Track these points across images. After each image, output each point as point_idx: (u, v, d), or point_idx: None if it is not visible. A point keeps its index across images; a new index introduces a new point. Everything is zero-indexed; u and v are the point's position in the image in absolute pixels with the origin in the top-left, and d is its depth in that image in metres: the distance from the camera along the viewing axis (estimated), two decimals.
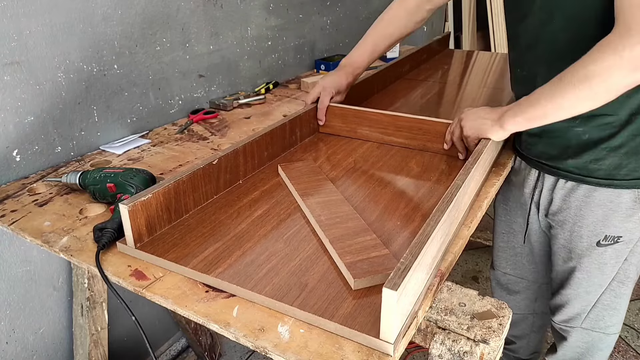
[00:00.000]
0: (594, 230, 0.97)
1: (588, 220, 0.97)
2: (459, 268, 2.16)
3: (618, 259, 0.99)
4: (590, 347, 1.10)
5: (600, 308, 1.05)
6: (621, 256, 0.98)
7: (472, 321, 0.67)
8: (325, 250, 0.76)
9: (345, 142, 1.20)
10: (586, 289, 1.04)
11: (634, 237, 0.96)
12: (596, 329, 1.07)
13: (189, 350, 1.68)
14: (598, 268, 1.01)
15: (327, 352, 0.58)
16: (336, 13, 2.10)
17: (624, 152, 0.89)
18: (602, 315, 1.05)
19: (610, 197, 0.93)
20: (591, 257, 1.00)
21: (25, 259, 1.12)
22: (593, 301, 1.05)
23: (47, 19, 1.05)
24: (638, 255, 0.99)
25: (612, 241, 0.97)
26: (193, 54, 1.43)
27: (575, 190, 0.97)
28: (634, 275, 1.01)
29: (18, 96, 1.03)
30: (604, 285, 1.02)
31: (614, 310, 1.05)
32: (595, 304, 1.05)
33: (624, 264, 0.99)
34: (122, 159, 1.16)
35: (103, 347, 1.23)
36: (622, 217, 0.94)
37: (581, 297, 1.05)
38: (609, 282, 1.02)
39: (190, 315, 0.65)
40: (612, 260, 0.99)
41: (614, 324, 1.07)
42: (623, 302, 1.04)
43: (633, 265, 1.00)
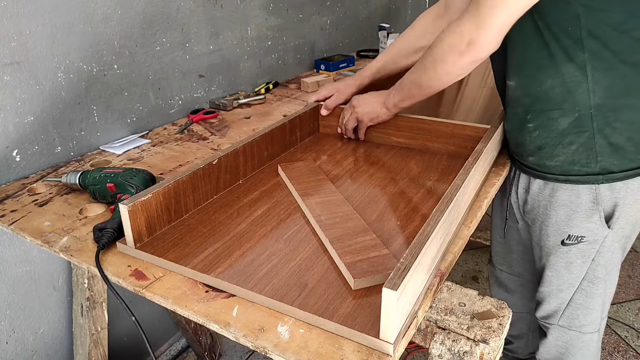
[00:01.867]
0: (558, 229, 1.00)
1: (553, 219, 1.00)
2: (459, 268, 2.16)
3: (584, 258, 1.00)
4: (569, 346, 1.12)
5: (573, 307, 1.07)
6: (587, 256, 1.00)
7: (472, 321, 0.67)
8: (325, 250, 0.76)
9: (345, 142, 1.20)
10: (558, 287, 1.06)
11: (598, 238, 0.97)
12: (572, 327, 1.09)
13: (189, 350, 1.68)
14: (565, 267, 1.03)
15: (327, 352, 0.58)
16: (336, 13, 2.11)
17: (574, 149, 0.91)
18: (576, 314, 1.07)
19: (570, 197, 0.95)
20: (557, 256, 1.03)
21: (25, 259, 1.12)
22: (567, 299, 1.07)
23: (47, 19, 1.05)
24: (605, 256, 1.00)
25: (575, 241, 0.99)
26: (193, 54, 1.44)
27: (542, 189, 1.00)
28: (603, 275, 1.02)
29: (18, 96, 1.03)
30: (574, 284, 1.04)
31: (587, 310, 1.06)
32: (569, 302, 1.07)
33: (592, 265, 1.01)
34: (122, 159, 1.16)
35: (103, 347, 1.23)
36: (582, 218, 0.96)
37: (554, 295, 1.07)
38: (580, 281, 1.04)
39: (190, 315, 0.65)
40: (578, 259, 1.01)
41: (589, 323, 1.07)
42: (596, 302, 1.05)
43: (601, 266, 1.01)
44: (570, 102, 0.87)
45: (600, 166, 0.90)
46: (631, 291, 1.98)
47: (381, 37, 2.09)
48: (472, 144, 1.06)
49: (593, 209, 0.94)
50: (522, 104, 0.95)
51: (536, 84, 0.90)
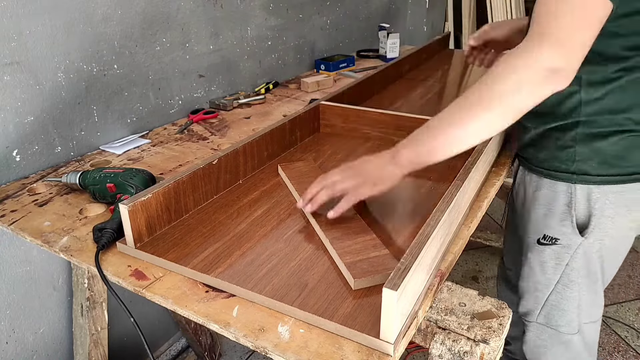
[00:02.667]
0: (536, 227, 1.01)
1: (533, 216, 1.01)
2: (459, 268, 2.16)
3: (558, 261, 1.00)
4: (548, 344, 1.12)
5: (549, 307, 1.06)
6: (561, 259, 0.99)
7: (472, 321, 0.67)
8: (325, 250, 0.76)
9: (346, 142, 1.20)
10: (534, 285, 1.06)
11: (572, 244, 0.96)
12: (550, 325, 1.08)
13: (189, 350, 1.68)
14: (539, 265, 1.03)
15: (327, 352, 0.58)
16: (336, 13, 2.11)
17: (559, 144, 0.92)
18: (552, 314, 1.07)
19: (549, 197, 0.96)
20: (533, 254, 1.03)
21: (25, 259, 1.12)
22: (543, 299, 1.06)
23: (47, 19, 1.05)
24: (580, 262, 0.98)
25: (550, 242, 0.99)
26: (193, 54, 1.43)
27: (530, 184, 1.01)
28: (577, 279, 1.00)
29: (18, 96, 1.03)
30: (549, 285, 1.04)
31: (562, 311, 1.05)
32: (545, 302, 1.06)
33: (566, 269, 1.00)
34: (122, 159, 1.16)
35: (103, 347, 1.23)
36: (557, 220, 0.96)
37: (532, 293, 1.08)
38: (554, 284, 1.03)
39: (190, 315, 0.65)
40: (551, 261, 1.01)
41: (565, 324, 1.06)
42: (570, 305, 1.04)
43: (575, 271, 0.99)
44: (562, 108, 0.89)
45: (577, 166, 0.90)
46: (631, 291, 1.98)
47: (381, 37, 2.08)
48: None
49: (566, 213, 0.94)
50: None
51: None
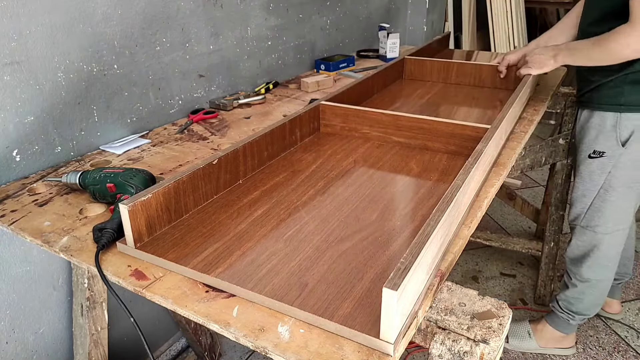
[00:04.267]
0: (588, 145, 1.40)
1: (586, 138, 1.41)
2: (459, 268, 2.16)
3: (603, 170, 1.38)
4: (586, 243, 1.50)
5: (592, 210, 1.45)
6: (605, 169, 1.38)
7: (472, 321, 0.66)
8: (325, 250, 0.76)
9: (346, 142, 1.20)
10: (582, 192, 1.45)
11: (615, 154, 1.35)
12: (589, 227, 1.47)
13: (189, 350, 1.68)
14: (589, 175, 1.42)
15: (327, 352, 0.58)
16: (336, 13, 2.10)
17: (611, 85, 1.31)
18: (592, 216, 1.45)
19: (599, 122, 1.36)
20: (584, 166, 1.42)
21: (25, 259, 1.12)
22: (588, 204, 1.45)
23: (47, 19, 1.05)
24: (620, 171, 1.36)
25: (598, 155, 1.38)
26: (193, 54, 1.43)
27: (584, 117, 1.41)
28: (616, 186, 1.38)
29: (18, 96, 1.03)
30: (594, 190, 1.42)
31: (600, 213, 1.43)
32: (589, 206, 1.45)
33: (609, 176, 1.38)
34: (122, 159, 1.16)
35: (103, 347, 1.23)
36: (605, 137, 1.35)
37: (580, 200, 1.47)
38: (598, 189, 1.41)
39: (190, 315, 0.65)
40: (598, 170, 1.39)
41: (601, 224, 1.45)
42: (607, 206, 1.42)
43: (615, 178, 1.37)
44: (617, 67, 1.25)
45: (625, 99, 1.30)
46: (631, 291, 1.99)
47: (381, 37, 2.08)
48: (473, 144, 1.06)
49: (612, 132, 1.33)
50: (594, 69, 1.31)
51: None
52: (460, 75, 1.66)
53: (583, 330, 1.79)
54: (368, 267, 0.72)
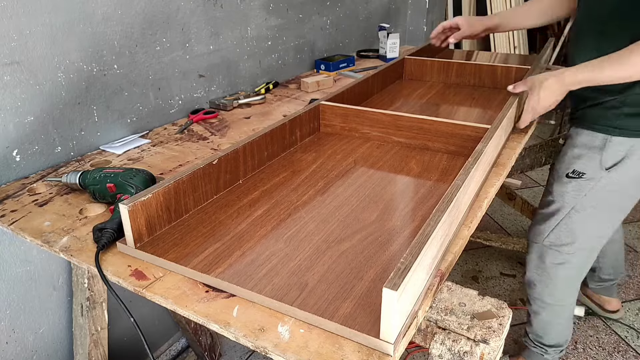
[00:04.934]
0: (567, 164, 1.28)
1: (568, 154, 1.28)
2: (459, 268, 2.16)
3: (579, 191, 1.26)
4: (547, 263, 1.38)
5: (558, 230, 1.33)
6: (582, 190, 1.26)
7: (472, 321, 0.67)
8: (326, 249, 0.76)
9: (346, 142, 1.20)
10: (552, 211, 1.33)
11: (595, 177, 1.23)
12: (552, 246, 1.36)
13: (189, 350, 1.68)
14: (561, 195, 1.31)
15: (327, 352, 0.58)
16: (336, 13, 2.10)
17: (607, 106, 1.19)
18: (559, 235, 1.34)
19: (586, 141, 1.24)
20: (559, 185, 1.31)
21: (25, 259, 1.12)
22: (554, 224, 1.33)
23: (47, 19, 1.05)
24: (597, 194, 1.24)
25: (577, 175, 1.26)
26: (193, 54, 1.43)
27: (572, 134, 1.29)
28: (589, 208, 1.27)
29: (18, 96, 1.03)
30: (564, 211, 1.31)
31: (568, 232, 1.32)
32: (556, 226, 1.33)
33: (583, 198, 1.26)
34: (122, 159, 1.16)
35: (103, 347, 1.23)
36: (588, 158, 1.23)
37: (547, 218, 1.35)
38: (569, 210, 1.30)
39: (190, 315, 0.65)
40: (573, 191, 1.28)
41: (567, 244, 1.33)
42: (577, 227, 1.31)
43: (589, 200, 1.26)
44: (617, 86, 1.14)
45: (620, 122, 1.18)
46: (631, 291, 1.98)
47: (381, 37, 2.08)
48: (473, 144, 1.06)
49: (597, 154, 1.21)
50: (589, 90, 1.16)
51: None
52: (460, 75, 1.66)
53: (583, 330, 1.79)
54: (368, 267, 0.72)
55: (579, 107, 1.28)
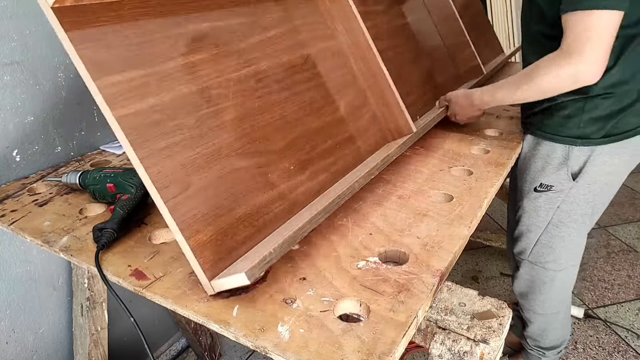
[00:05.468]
0: (534, 177, 1.21)
1: (531, 169, 1.21)
2: (459, 268, 2.16)
3: (550, 205, 1.21)
4: (535, 279, 1.34)
5: (540, 246, 1.28)
6: (553, 203, 1.20)
7: (472, 321, 0.67)
8: (224, 157, 0.76)
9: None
10: (528, 227, 1.28)
11: (564, 188, 1.17)
12: (538, 263, 1.31)
13: (189, 350, 1.68)
14: (534, 210, 1.24)
15: (327, 352, 0.58)
16: None
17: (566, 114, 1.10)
18: (542, 252, 1.28)
19: (548, 152, 1.16)
20: (529, 200, 1.24)
21: (25, 259, 1.12)
22: (534, 239, 1.28)
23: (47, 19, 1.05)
24: (570, 205, 1.18)
25: (545, 189, 1.20)
26: None
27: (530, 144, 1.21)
28: (566, 221, 1.21)
29: (18, 96, 1.03)
30: (541, 226, 1.25)
31: (550, 249, 1.27)
32: (536, 242, 1.28)
33: (557, 211, 1.20)
34: (122, 159, 1.16)
35: (103, 347, 1.23)
36: (553, 170, 1.16)
37: (525, 234, 1.29)
38: (546, 225, 1.24)
39: (190, 315, 0.65)
40: (545, 205, 1.21)
41: (552, 261, 1.28)
42: (558, 242, 1.25)
43: (565, 212, 1.20)
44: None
45: (580, 131, 1.10)
46: (631, 291, 1.98)
47: None
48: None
49: (563, 164, 1.14)
50: None
51: None
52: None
53: (583, 330, 1.79)
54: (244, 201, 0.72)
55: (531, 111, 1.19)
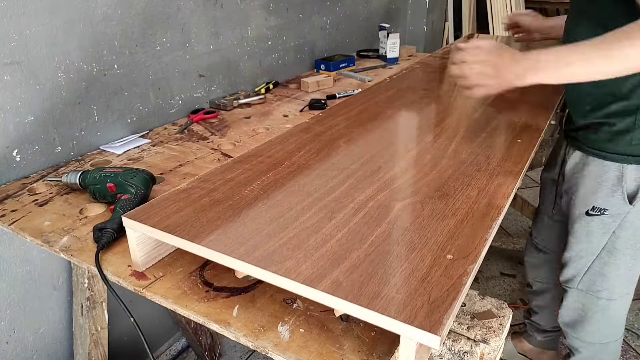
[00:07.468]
0: (585, 200, 1.09)
1: (581, 190, 1.09)
2: None
3: (605, 230, 1.08)
4: (586, 308, 1.20)
5: (591, 273, 1.15)
6: (608, 228, 1.07)
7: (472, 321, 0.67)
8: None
9: None
10: (578, 253, 1.15)
11: (620, 213, 1.05)
12: (589, 291, 1.17)
13: (189, 350, 1.68)
14: (586, 235, 1.11)
15: (327, 352, 0.58)
16: (336, 13, 2.10)
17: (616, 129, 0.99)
18: (594, 280, 1.15)
19: (599, 172, 1.04)
20: (580, 225, 1.11)
21: (25, 259, 1.12)
22: (586, 266, 1.15)
23: (47, 19, 1.05)
24: (627, 231, 1.06)
25: (598, 212, 1.07)
26: (193, 53, 1.43)
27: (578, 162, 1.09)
28: (622, 248, 1.08)
29: (18, 96, 1.03)
30: (594, 252, 1.12)
31: (604, 277, 1.14)
32: (588, 269, 1.15)
33: (612, 236, 1.08)
34: (122, 158, 1.16)
35: (103, 347, 1.23)
36: (607, 192, 1.04)
37: (575, 261, 1.16)
38: (599, 251, 1.11)
39: (190, 315, 0.65)
40: (599, 230, 1.09)
41: (605, 289, 1.15)
42: (612, 271, 1.12)
43: (621, 239, 1.07)
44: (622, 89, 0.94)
45: (633, 149, 0.98)
46: None
47: (381, 37, 2.08)
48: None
49: (617, 186, 1.02)
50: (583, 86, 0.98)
51: None
52: None
53: None
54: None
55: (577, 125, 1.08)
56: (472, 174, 0.85)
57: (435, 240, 0.65)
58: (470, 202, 0.75)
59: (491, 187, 0.81)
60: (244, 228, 0.68)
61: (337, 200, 0.76)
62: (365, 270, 0.59)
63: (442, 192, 0.79)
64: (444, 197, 0.77)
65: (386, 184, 0.82)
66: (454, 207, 0.74)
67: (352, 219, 0.71)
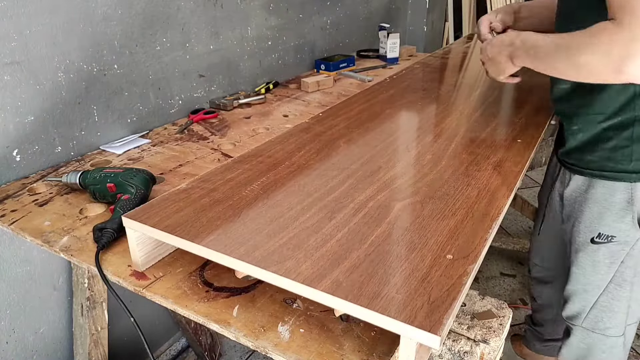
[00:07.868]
0: (589, 226, 0.99)
1: (585, 215, 0.99)
2: None
3: (613, 259, 0.99)
4: (591, 348, 1.10)
5: (598, 309, 1.05)
6: (616, 258, 0.98)
7: (473, 321, 0.67)
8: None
9: None
10: (583, 286, 1.05)
11: (629, 240, 0.96)
12: (596, 330, 1.07)
13: (189, 350, 1.68)
14: (592, 266, 1.01)
15: (327, 352, 0.58)
16: (336, 13, 2.10)
17: (612, 145, 0.92)
18: (601, 316, 1.05)
19: (605, 195, 0.95)
20: (585, 254, 1.01)
21: (25, 259, 1.12)
22: (592, 301, 1.05)
23: (47, 19, 1.05)
24: (636, 259, 0.98)
25: (605, 240, 0.98)
26: (193, 53, 1.43)
27: (579, 185, 1.00)
28: (630, 278, 1.00)
29: (18, 96, 1.03)
30: (600, 285, 1.03)
31: (612, 313, 1.04)
32: (594, 304, 1.05)
33: (621, 267, 0.99)
34: (122, 158, 1.16)
35: (103, 347, 1.23)
36: (615, 217, 0.95)
37: (580, 295, 1.06)
38: (606, 283, 1.02)
39: (190, 315, 0.65)
40: (606, 259, 1.00)
41: (614, 326, 1.06)
42: (622, 305, 1.03)
43: (630, 269, 0.99)
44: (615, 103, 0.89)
45: (634, 165, 0.90)
46: None
47: (381, 37, 2.08)
48: None
49: (627, 209, 0.93)
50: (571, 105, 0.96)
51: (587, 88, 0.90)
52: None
53: None
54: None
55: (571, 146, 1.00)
56: (472, 174, 0.85)
57: (435, 240, 0.65)
58: (470, 202, 0.75)
59: (491, 187, 0.81)
60: (244, 228, 0.68)
61: (337, 200, 0.76)
62: (365, 270, 0.59)
63: (442, 192, 0.79)
64: (444, 197, 0.77)
65: (386, 184, 0.82)
66: (454, 207, 0.74)
67: (352, 219, 0.71)
